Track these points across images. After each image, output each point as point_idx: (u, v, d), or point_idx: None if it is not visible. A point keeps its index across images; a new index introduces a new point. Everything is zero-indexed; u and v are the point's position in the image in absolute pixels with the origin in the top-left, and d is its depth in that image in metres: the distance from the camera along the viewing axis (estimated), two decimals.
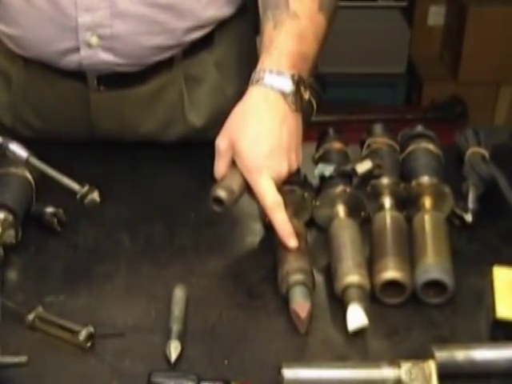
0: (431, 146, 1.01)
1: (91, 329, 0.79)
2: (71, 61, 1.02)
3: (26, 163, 0.88)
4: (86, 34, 1.00)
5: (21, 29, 1.02)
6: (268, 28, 0.94)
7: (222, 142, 0.89)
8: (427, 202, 0.94)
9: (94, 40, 1.00)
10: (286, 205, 0.92)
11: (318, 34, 0.95)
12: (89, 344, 0.79)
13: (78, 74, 1.04)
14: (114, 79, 1.04)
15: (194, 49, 1.07)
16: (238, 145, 0.88)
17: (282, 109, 0.89)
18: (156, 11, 1.00)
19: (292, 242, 0.87)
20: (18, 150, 0.88)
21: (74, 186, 0.87)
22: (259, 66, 0.92)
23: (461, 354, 0.76)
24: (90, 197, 0.87)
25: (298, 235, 0.90)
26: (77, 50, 1.01)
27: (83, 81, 1.05)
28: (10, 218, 0.90)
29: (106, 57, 1.02)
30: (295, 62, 0.91)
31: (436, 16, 2.73)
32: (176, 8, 1.01)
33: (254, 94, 0.90)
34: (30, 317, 0.80)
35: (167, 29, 1.02)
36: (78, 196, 0.87)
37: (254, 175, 0.88)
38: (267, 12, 0.95)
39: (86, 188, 0.88)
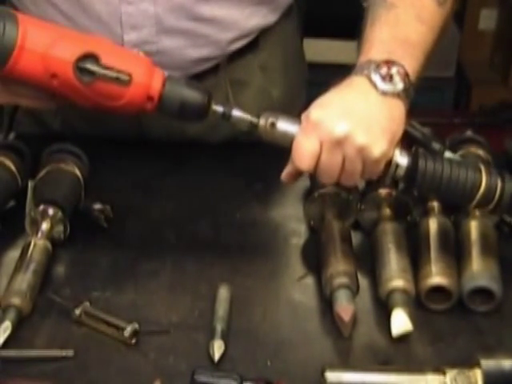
0: (481, 152, 1.00)
1: (136, 325, 0.80)
2: None
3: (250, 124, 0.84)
4: (133, 50, 1.00)
5: None
6: (365, 27, 0.89)
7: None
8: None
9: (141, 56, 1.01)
10: (332, 207, 0.93)
11: (424, 16, 0.89)
12: (133, 340, 0.79)
13: None
14: None
15: (238, 54, 1.07)
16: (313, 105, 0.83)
17: (364, 88, 0.82)
18: (200, 25, 1.01)
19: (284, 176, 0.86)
20: (240, 114, 0.85)
21: (252, 118, 0.84)
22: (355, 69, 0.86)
23: (508, 363, 0.75)
24: (268, 121, 0.83)
25: (343, 238, 0.90)
26: None
27: None
28: (59, 214, 0.91)
29: None
30: (389, 48, 0.85)
31: (487, 20, 2.68)
32: (219, 20, 1.01)
33: (338, 86, 0.84)
34: (77, 311, 0.81)
35: (212, 41, 1.03)
36: (258, 130, 0.84)
37: (308, 126, 0.80)
38: (367, 11, 0.91)
39: (261, 119, 0.84)
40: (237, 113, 0.85)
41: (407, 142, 0.85)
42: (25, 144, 1.00)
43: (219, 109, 0.85)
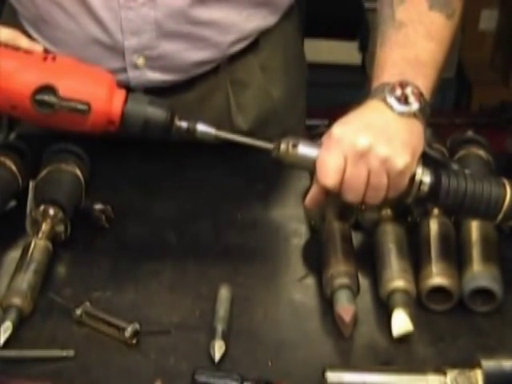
0: (482, 152, 1.00)
1: (137, 326, 0.80)
2: (119, 80, 1.03)
3: (215, 138, 0.85)
4: (133, 56, 1.00)
5: (68, 49, 1.01)
6: (377, 49, 0.90)
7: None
8: None
9: (141, 61, 1.01)
10: (332, 208, 0.93)
11: (434, 32, 0.89)
12: (134, 340, 0.79)
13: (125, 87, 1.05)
14: (161, 88, 1.05)
15: (239, 54, 1.07)
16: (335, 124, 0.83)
17: (382, 109, 0.83)
18: (200, 28, 1.00)
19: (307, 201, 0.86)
20: (205, 128, 0.85)
21: (268, 145, 0.84)
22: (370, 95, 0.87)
23: (508, 364, 0.75)
24: (288, 150, 0.83)
25: (344, 239, 0.90)
26: (124, 70, 1.02)
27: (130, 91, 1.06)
28: (60, 213, 0.91)
29: (152, 75, 1.03)
30: (401, 69, 0.86)
31: (488, 20, 2.68)
32: (219, 23, 1.01)
33: (356, 109, 0.85)
34: (78, 312, 0.81)
35: (212, 44, 1.03)
36: (273, 154, 0.83)
37: (330, 143, 0.81)
38: (377, 30, 0.92)
39: (280, 143, 0.84)
40: (201, 127, 0.85)
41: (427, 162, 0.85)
42: (26, 144, 1.00)
43: (183, 124, 0.85)
